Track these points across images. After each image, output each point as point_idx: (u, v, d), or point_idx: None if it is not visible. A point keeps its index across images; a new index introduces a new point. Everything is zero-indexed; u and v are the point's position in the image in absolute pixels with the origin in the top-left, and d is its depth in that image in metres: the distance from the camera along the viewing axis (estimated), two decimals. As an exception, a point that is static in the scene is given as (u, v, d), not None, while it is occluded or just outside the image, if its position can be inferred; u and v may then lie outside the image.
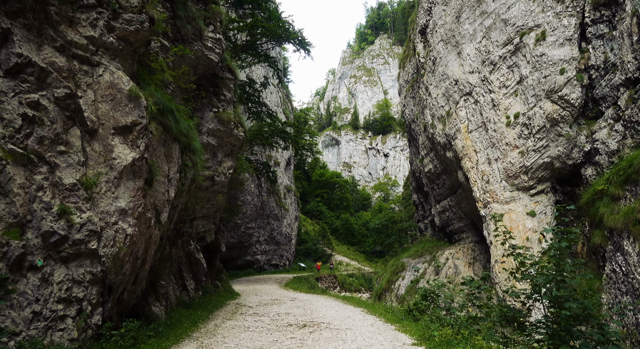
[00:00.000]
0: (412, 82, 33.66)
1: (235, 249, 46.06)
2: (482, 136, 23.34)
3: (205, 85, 16.40)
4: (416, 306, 13.15)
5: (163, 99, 10.28)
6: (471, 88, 24.07)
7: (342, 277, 51.47)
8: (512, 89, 21.81)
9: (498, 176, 22.26)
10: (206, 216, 17.46)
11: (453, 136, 25.31)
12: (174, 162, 10.89)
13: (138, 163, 8.49)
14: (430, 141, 29.77)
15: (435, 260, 29.25)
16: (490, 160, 22.72)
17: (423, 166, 32.50)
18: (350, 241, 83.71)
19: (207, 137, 16.00)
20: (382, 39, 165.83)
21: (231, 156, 17.66)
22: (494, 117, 22.45)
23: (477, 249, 28.10)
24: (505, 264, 21.04)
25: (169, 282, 12.45)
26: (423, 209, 39.54)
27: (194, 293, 14.46)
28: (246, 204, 46.03)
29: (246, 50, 38.03)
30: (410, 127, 36.09)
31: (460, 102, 24.97)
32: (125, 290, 8.99)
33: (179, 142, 11.15)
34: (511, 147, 21.59)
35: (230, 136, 16.96)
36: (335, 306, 16.77)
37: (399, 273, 33.28)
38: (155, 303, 10.72)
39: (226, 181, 17.44)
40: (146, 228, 9.08)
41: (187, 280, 14.31)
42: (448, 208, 30.52)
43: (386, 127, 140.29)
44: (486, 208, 22.79)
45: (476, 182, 23.49)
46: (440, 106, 27.04)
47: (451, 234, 31.59)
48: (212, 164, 16.42)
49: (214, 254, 19.21)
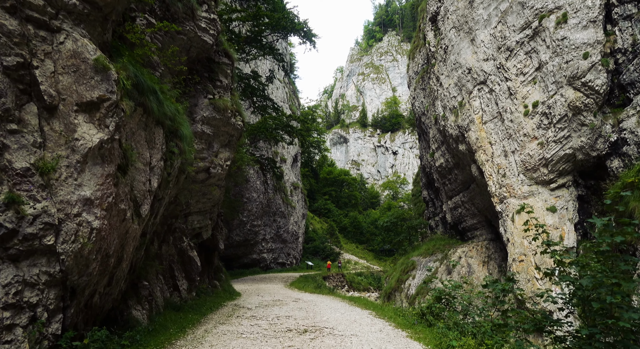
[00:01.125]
0: (422, 73, 32.27)
1: (241, 247, 45.01)
2: (498, 126, 21.96)
3: (200, 71, 15.23)
4: (430, 309, 11.88)
5: (144, 78, 9.08)
6: (486, 76, 22.69)
7: (351, 276, 50.25)
8: (530, 76, 20.42)
9: (515, 169, 20.88)
10: (202, 211, 16.28)
11: (466, 127, 23.94)
12: (157, 148, 9.70)
13: (107, 145, 7.29)
14: (441, 134, 28.40)
15: (448, 259, 27.91)
16: (507, 152, 21.34)
17: (434, 161, 31.13)
18: (358, 239, 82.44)
19: (202, 126, 14.81)
20: (391, 36, 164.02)
21: (229, 147, 16.46)
22: (511, 106, 21.06)
23: (491, 247, 26.71)
24: (524, 263, 19.69)
25: (156, 283, 11.29)
26: (434, 205, 38.14)
27: (186, 294, 13.29)
28: (251, 201, 44.95)
29: (250, 42, 36.87)
30: (420, 120, 34.70)
31: (474, 92, 23.59)
32: (96, 293, 7.81)
33: (163, 126, 9.96)
34: (529, 139, 20.20)
35: (227, 125, 15.75)
36: (340, 308, 15.53)
37: (409, 272, 31.96)
38: (136, 306, 9.55)
39: (223, 173, 16.24)
40: (120, 222, 7.89)
41: (179, 280, 13.14)
42: (460, 204, 29.14)
43: (395, 125, 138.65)
44: (502, 203, 21.42)
45: (491, 176, 22.12)
46: (452, 97, 25.67)
47: (464, 231, 30.20)
48: (207, 154, 15.23)
49: (211, 252, 18.04)
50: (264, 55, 39.34)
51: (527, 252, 19.69)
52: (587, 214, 19.91)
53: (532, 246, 19.58)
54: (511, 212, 20.79)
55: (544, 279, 19.05)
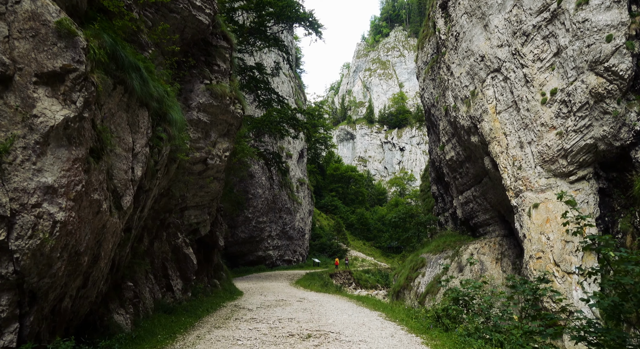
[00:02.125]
0: (432, 63, 31.05)
1: (246, 245, 44.07)
2: (513, 116, 20.77)
3: (196, 54, 14.18)
4: (446, 311, 10.78)
5: (125, 53, 8.04)
6: (500, 64, 21.48)
7: (358, 273, 49.20)
8: (548, 62, 19.21)
9: (532, 161, 19.70)
10: (199, 206, 15.24)
11: (479, 118, 22.76)
12: (140, 132, 8.66)
13: (74, 125, 6.25)
14: (452, 126, 27.22)
15: (459, 255, 26.77)
16: (523, 143, 20.16)
17: (444, 154, 29.95)
18: (365, 236, 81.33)
19: (198, 113, 13.76)
20: (397, 31, 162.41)
21: (227, 137, 15.40)
22: (527, 94, 19.87)
23: (505, 244, 25.54)
24: (541, 260, 18.53)
25: (144, 283, 10.27)
26: (443, 201, 36.96)
27: (181, 295, 12.28)
28: (257, 197, 43.97)
29: (254, 33, 35.79)
30: (429, 112, 33.49)
31: (487, 80, 22.39)
32: (65, 296, 6.79)
33: (148, 108, 8.91)
34: (547, 128, 19.01)
35: (225, 113, 14.70)
36: (348, 308, 14.47)
37: (418, 270, 30.85)
38: (118, 310, 8.54)
39: (222, 165, 15.20)
40: (93, 214, 6.86)
41: (173, 279, 12.13)
42: (472, 199, 27.96)
43: (402, 121, 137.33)
44: (518, 198, 20.25)
45: (506, 169, 20.95)
46: (463, 86, 24.47)
47: (475, 227, 29.03)
48: (204, 144, 14.18)
49: (211, 249, 17.02)
50: (268, 46, 38.28)
51: (545, 249, 18.54)
52: (608, 208, 18.72)
53: (550, 242, 18.43)
54: (527, 206, 19.62)
55: (564, 278, 17.91)
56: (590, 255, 17.95)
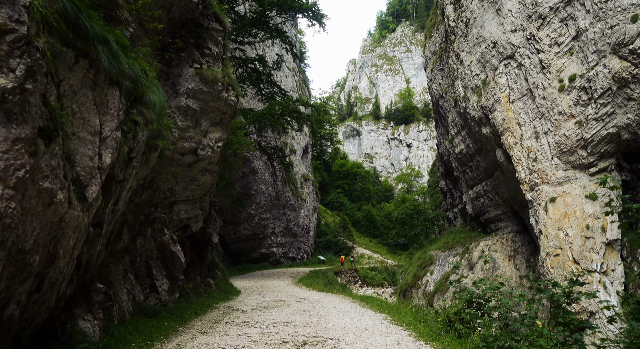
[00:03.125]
0: (440, 53, 29.79)
1: (249, 242, 43.08)
2: (528, 105, 19.54)
3: (185, 36, 13.10)
4: (459, 316, 9.64)
5: (91, 22, 6.96)
6: (513, 50, 20.24)
7: (364, 271, 48.05)
8: (566, 46, 17.97)
9: (548, 153, 18.48)
10: (190, 200, 14.17)
11: (491, 107, 21.53)
12: (110, 114, 7.59)
13: (13, 98, 5.18)
14: (461, 117, 25.99)
15: (469, 253, 25.59)
16: (538, 133, 18.94)
17: (453, 147, 28.72)
18: (372, 233, 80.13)
19: (187, 100, 12.68)
20: (404, 26, 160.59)
21: (220, 126, 14.31)
22: (543, 81, 18.63)
23: (518, 240, 24.32)
24: (559, 258, 17.33)
25: (121, 284, 9.23)
26: (452, 196, 35.72)
27: (167, 296, 11.23)
28: (260, 193, 42.95)
29: (255, 24, 34.63)
30: (437, 104, 32.23)
31: (500, 68, 21.15)
32: (10, 302, 5.73)
33: (119, 87, 7.83)
34: (565, 117, 17.78)
35: (217, 100, 13.60)
36: (350, 310, 13.36)
37: (426, 267, 29.69)
38: (85, 315, 7.48)
39: (214, 156, 14.10)
40: (43, 206, 5.79)
41: (158, 279, 11.09)
42: (483, 194, 26.74)
43: (409, 117, 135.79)
44: (533, 191, 19.05)
45: (520, 161, 19.73)
46: (474, 75, 23.23)
47: (486, 223, 27.81)
48: (193, 133, 13.09)
49: (204, 247, 15.96)
50: (271, 38, 37.11)
51: (563, 246, 17.33)
52: (632, 201, 17.46)
53: (569, 238, 17.23)
54: (544, 200, 18.41)
55: (584, 276, 16.70)
56: (613, 252, 16.74)
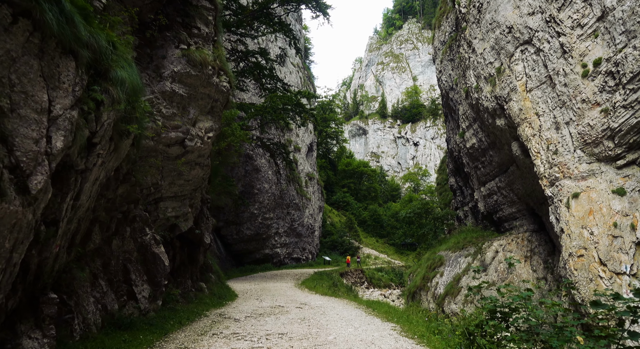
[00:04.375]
0: (450, 42, 28.31)
1: (252, 242, 41.73)
2: (547, 94, 18.07)
3: (171, 14, 11.78)
4: (481, 328, 8.23)
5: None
6: (531, 34, 18.77)
7: (370, 271, 46.65)
8: (590, 28, 16.47)
9: (570, 144, 17.00)
10: (178, 197, 12.82)
11: (506, 97, 20.07)
12: (63, 89, 6.27)
13: None
14: (473, 109, 24.52)
15: (482, 253, 24.12)
16: (559, 124, 17.46)
17: (464, 142, 27.24)
18: (378, 233, 78.71)
19: (172, 84, 11.35)
20: (411, 24, 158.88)
21: (211, 115, 12.97)
22: (565, 67, 17.15)
23: (534, 240, 22.83)
24: (584, 258, 15.85)
25: (88, 292, 7.91)
26: (462, 194, 34.22)
27: (147, 304, 9.90)
28: (263, 192, 41.61)
29: (258, 17, 33.33)
30: (447, 97, 30.75)
31: (516, 54, 19.69)
32: None
33: (76, 58, 6.51)
34: (589, 105, 16.29)
35: (207, 86, 12.26)
36: (355, 318, 11.97)
37: (436, 269, 28.25)
38: (32, 332, 6.15)
39: (205, 148, 12.76)
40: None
41: (137, 285, 9.76)
42: (496, 191, 25.26)
43: (415, 115, 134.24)
44: (553, 187, 17.57)
45: (539, 154, 18.26)
46: (487, 63, 21.77)
47: (499, 222, 26.31)
48: (180, 122, 11.75)
49: (196, 248, 14.63)
50: (274, 32, 35.79)
51: (587, 246, 15.84)
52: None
53: (594, 237, 15.74)
54: (565, 196, 16.93)
55: (612, 279, 15.23)
56: (645, 253, 15.26)
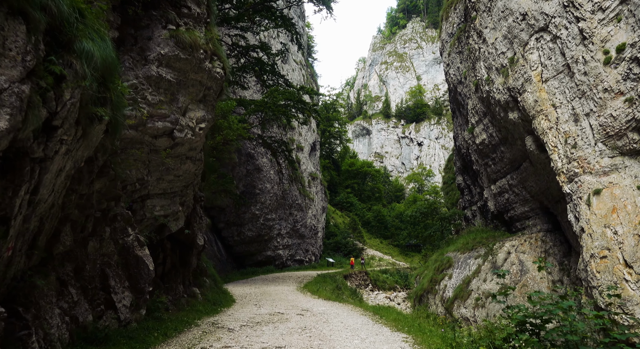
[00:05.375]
0: (459, 33, 27.14)
1: (254, 244, 40.59)
2: (565, 83, 16.92)
3: (159, -7, 10.76)
4: (508, 342, 7.09)
5: None
6: (547, 20, 17.62)
7: (375, 273, 45.50)
8: (612, 11, 15.31)
9: (591, 137, 15.83)
10: (167, 194, 11.70)
11: (520, 88, 18.92)
12: (9, 58, 5.20)
13: None
14: (483, 103, 23.36)
15: (493, 254, 22.95)
16: (578, 115, 16.30)
17: (473, 137, 26.07)
18: (383, 234, 77.51)
19: (158, 68, 10.26)
20: (415, 23, 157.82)
21: (204, 104, 11.86)
22: (584, 54, 15.99)
23: (549, 240, 21.65)
24: (607, 260, 14.67)
25: (52, 303, 6.79)
26: (470, 193, 33.03)
27: (128, 314, 8.80)
28: (265, 192, 40.48)
29: (258, 10, 32.27)
30: (455, 91, 29.57)
31: (531, 43, 18.55)
32: None
33: (27, 20, 5.44)
34: (612, 95, 15.12)
35: (199, 71, 11.17)
36: (361, 327, 10.84)
37: (444, 271, 27.08)
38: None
39: (197, 140, 11.65)
40: None
41: (117, 292, 8.66)
42: (507, 189, 24.08)
43: (420, 115, 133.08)
44: (572, 183, 16.40)
45: (556, 148, 17.10)
46: (499, 53, 20.63)
47: (511, 221, 25.13)
48: (168, 110, 10.64)
49: (188, 250, 13.52)
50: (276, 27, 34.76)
51: (611, 246, 14.66)
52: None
53: (619, 237, 14.57)
54: (586, 193, 15.76)
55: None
56: (675, 253, 14.08)
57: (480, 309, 21.29)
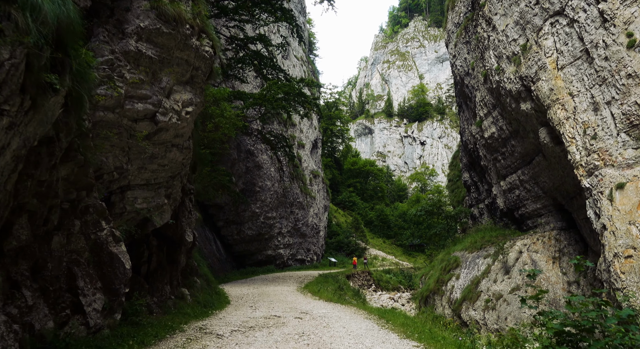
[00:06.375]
0: (466, 23, 25.96)
1: (254, 243, 39.44)
2: (583, 70, 15.75)
3: (139, -40, 9.64)
4: (543, 355, 5.93)
5: None
6: (563, 3, 16.46)
7: (378, 273, 44.36)
8: (636, -10, 14.17)
9: (613, 127, 14.66)
10: (151, 185, 10.56)
11: (533, 77, 17.76)
12: None
13: None
14: (493, 94, 22.19)
15: (504, 254, 21.76)
16: (598, 104, 15.13)
17: (481, 131, 24.89)
18: (385, 234, 76.34)
19: (138, 43, 9.12)
20: (417, 21, 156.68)
21: (191, 86, 10.75)
22: (605, 38, 14.82)
23: (563, 239, 20.47)
24: (632, 260, 13.48)
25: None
26: (477, 190, 31.85)
27: (99, 319, 7.69)
28: (265, 190, 39.35)
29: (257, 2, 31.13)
30: (462, 83, 28.37)
31: (545, 28, 17.39)
32: None
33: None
34: (637, 81, 13.94)
35: (184, 48, 10.05)
36: (366, 333, 9.70)
37: (451, 271, 25.90)
38: None
39: (184, 126, 10.53)
40: None
41: (86, 294, 7.56)
42: (518, 185, 22.90)
43: (422, 114, 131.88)
44: (592, 176, 15.22)
45: (573, 140, 15.93)
46: (510, 41, 19.47)
47: (522, 219, 23.94)
48: (150, 91, 9.50)
49: (176, 247, 12.37)
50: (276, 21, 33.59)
51: (637, 245, 13.47)
52: None
53: (645, 235, 13.40)
54: (608, 187, 14.58)
55: (669, 284, 12.88)
56: None
57: (490, 311, 20.12)
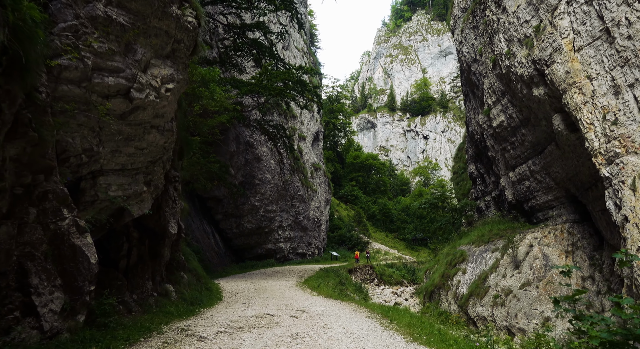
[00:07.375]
0: (473, 7, 24.76)
1: (254, 236, 38.44)
2: (603, 51, 14.62)
3: None
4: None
5: None
6: (581, -21, 15.32)
7: (380, 268, 43.37)
8: (663, -38, 13.03)
9: (636, 111, 13.56)
10: (127, 170, 9.44)
11: (547, 60, 16.63)
12: None
13: None
14: (502, 81, 21.06)
15: (514, 247, 20.69)
16: (619, 87, 14.01)
17: (489, 120, 23.76)
18: (388, 228, 75.32)
19: (107, 8, 7.96)
20: (420, 15, 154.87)
21: (172, 61, 9.64)
22: (628, 15, 13.69)
23: (576, 232, 19.40)
24: (658, 254, 12.43)
25: None
26: (484, 182, 30.75)
27: (58, 321, 6.66)
28: (265, 183, 38.31)
29: (257, -8, 29.96)
30: (469, 70, 27.20)
31: (560, 7, 16.24)
32: None
33: None
34: (663, 60, 12.85)
35: (163, 17, 8.95)
36: (367, 335, 8.67)
37: (457, 265, 24.87)
38: None
39: (164, 105, 9.43)
40: None
41: (41, 293, 6.53)
42: (529, 175, 21.80)
43: (425, 108, 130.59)
44: (612, 165, 14.14)
45: (592, 126, 14.82)
46: (522, 22, 18.33)
47: (532, 211, 22.86)
48: (122, 63, 8.40)
49: (159, 240, 11.31)
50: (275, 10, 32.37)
51: (662, 238, 12.43)
52: None
53: (672, 228, 12.34)
54: (630, 176, 13.51)
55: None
56: None
57: (499, 307, 19.10)
